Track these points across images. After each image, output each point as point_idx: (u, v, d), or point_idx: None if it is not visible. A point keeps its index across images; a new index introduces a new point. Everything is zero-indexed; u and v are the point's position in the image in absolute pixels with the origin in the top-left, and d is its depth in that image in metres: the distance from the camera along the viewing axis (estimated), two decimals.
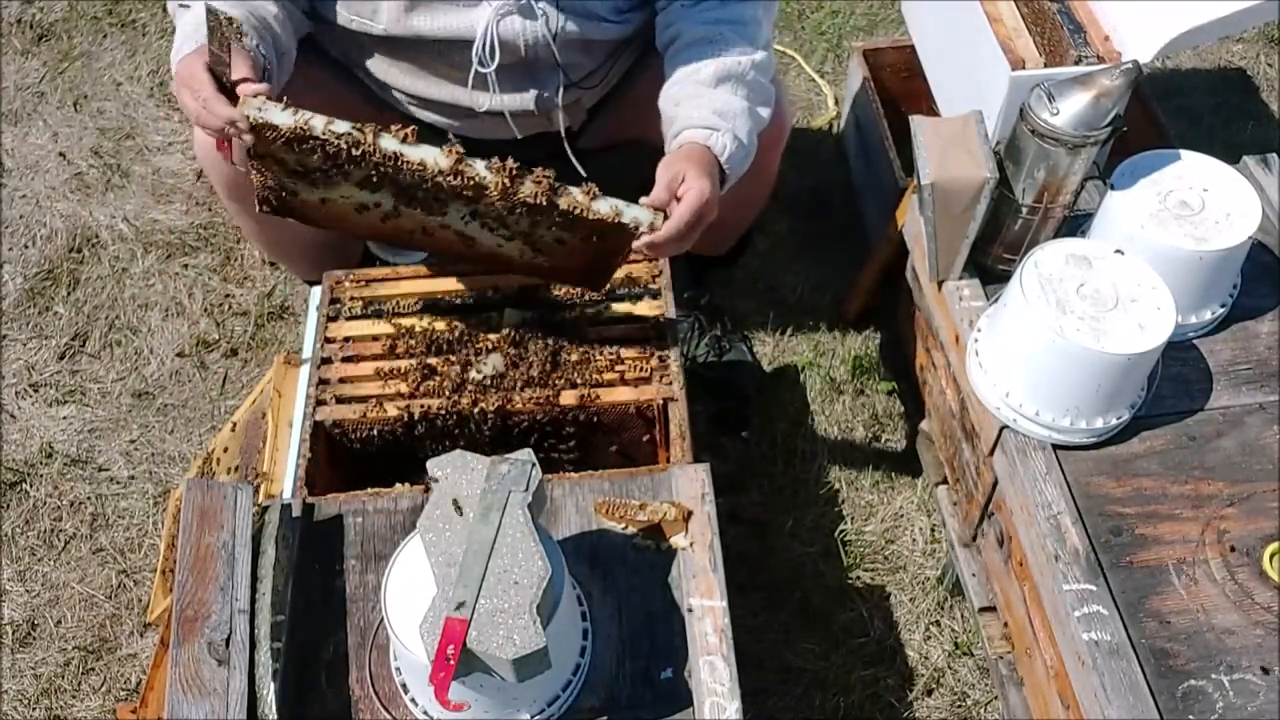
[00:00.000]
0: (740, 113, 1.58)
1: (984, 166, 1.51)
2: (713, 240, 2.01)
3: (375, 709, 1.29)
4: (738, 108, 1.58)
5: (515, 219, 1.46)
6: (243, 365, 2.28)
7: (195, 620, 1.26)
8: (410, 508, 1.44)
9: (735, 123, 1.56)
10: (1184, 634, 1.34)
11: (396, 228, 1.53)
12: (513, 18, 1.64)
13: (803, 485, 2.10)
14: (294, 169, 1.43)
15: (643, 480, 1.45)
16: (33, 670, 1.90)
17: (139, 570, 2.00)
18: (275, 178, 1.46)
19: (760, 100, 1.63)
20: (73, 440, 2.17)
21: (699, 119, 1.56)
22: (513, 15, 1.64)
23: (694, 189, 1.46)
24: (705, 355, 2.18)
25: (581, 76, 1.77)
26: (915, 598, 1.96)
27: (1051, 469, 1.47)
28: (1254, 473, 1.47)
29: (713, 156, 1.54)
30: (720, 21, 1.63)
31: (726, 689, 1.25)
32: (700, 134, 1.55)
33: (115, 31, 2.91)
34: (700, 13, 1.64)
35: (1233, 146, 2.20)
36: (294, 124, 1.36)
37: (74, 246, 2.47)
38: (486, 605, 1.12)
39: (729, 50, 1.61)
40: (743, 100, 1.59)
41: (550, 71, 1.73)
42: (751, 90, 1.61)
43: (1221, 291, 1.60)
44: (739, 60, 1.60)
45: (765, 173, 1.88)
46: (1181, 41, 1.77)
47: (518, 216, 1.45)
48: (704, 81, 1.59)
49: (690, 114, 1.57)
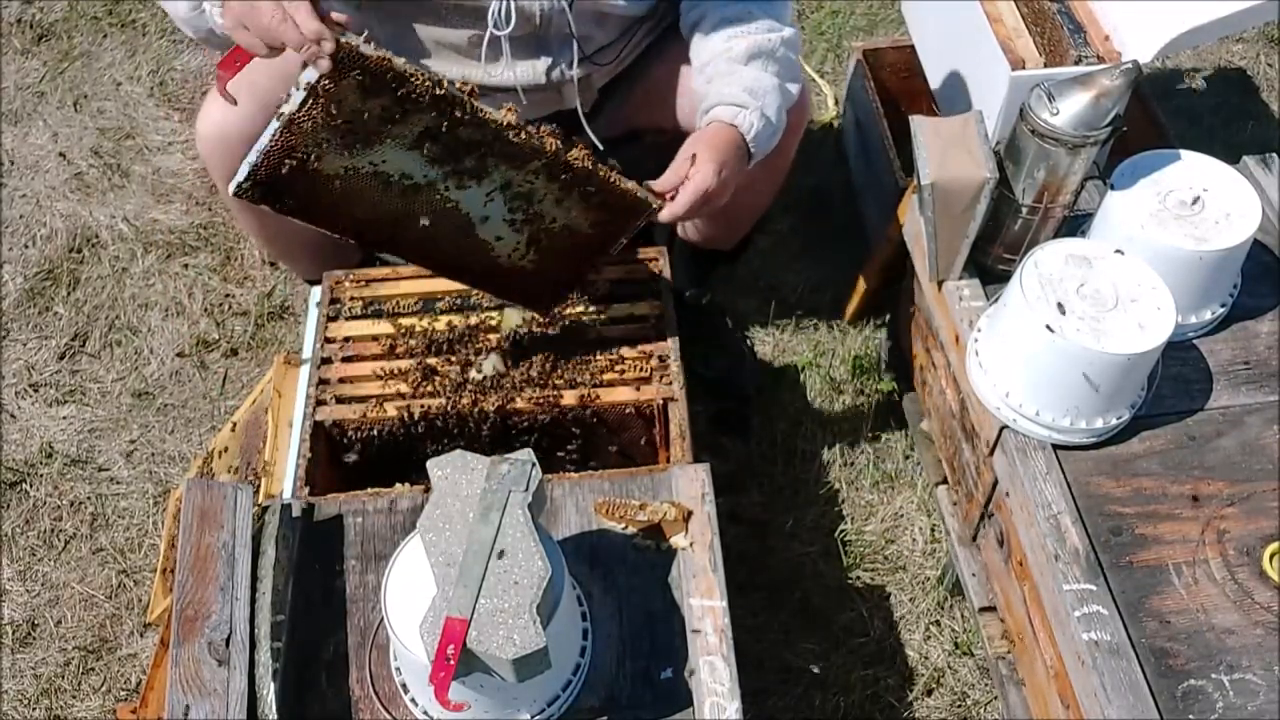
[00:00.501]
0: (770, 89, 1.61)
1: (984, 166, 1.51)
2: (725, 228, 2.01)
3: (375, 709, 1.29)
4: (768, 84, 1.61)
5: (547, 191, 1.46)
6: (243, 365, 2.28)
7: (195, 620, 1.26)
8: (410, 508, 1.44)
9: (765, 100, 1.60)
10: (1184, 634, 1.34)
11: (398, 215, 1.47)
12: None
13: (803, 485, 2.10)
14: (344, 120, 1.34)
15: (643, 480, 1.45)
16: (33, 670, 1.90)
17: (139, 570, 2.00)
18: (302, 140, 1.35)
19: (790, 77, 1.66)
20: (73, 440, 2.17)
21: (729, 95, 1.59)
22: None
23: (700, 174, 1.50)
24: (705, 355, 2.18)
25: (595, 50, 1.77)
26: (915, 598, 1.95)
27: (1051, 469, 1.47)
28: (1254, 473, 1.47)
29: (738, 135, 1.57)
30: (747, 1, 1.65)
31: (726, 689, 1.25)
32: (728, 111, 1.58)
33: (115, 31, 2.91)
34: None
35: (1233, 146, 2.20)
36: (379, 57, 1.29)
37: (74, 246, 2.47)
38: (486, 605, 1.12)
39: (759, 28, 1.64)
40: (773, 77, 1.62)
41: (563, 43, 1.73)
42: (782, 66, 1.65)
43: (1221, 291, 1.60)
44: (769, 37, 1.64)
45: (780, 159, 1.87)
46: (1181, 41, 1.77)
47: (553, 187, 1.46)
48: (736, 59, 1.63)
49: (721, 90, 1.61)
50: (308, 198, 1.41)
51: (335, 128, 1.33)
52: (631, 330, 1.69)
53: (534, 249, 1.54)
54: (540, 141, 1.41)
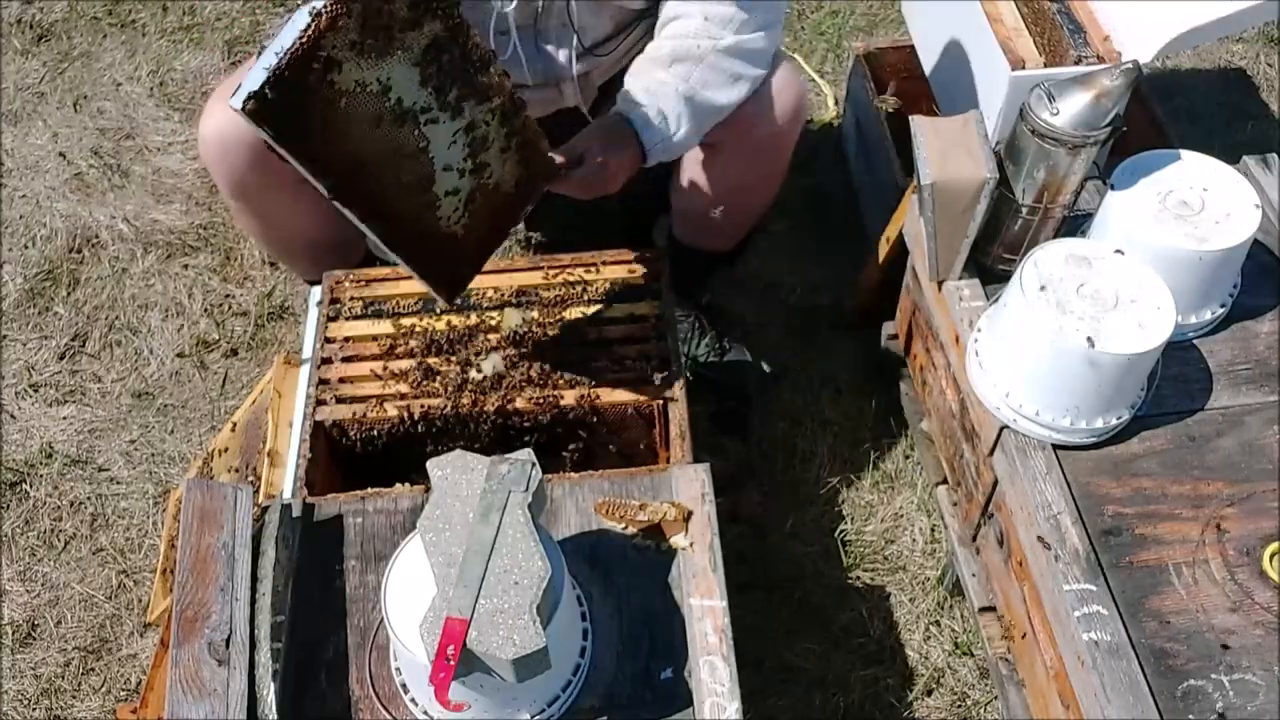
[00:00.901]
0: (674, 94, 1.61)
1: (984, 166, 1.51)
2: (721, 231, 2.01)
3: (375, 709, 1.29)
4: (675, 88, 1.61)
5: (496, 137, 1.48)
6: (243, 365, 2.28)
7: (195, 621, 1.26)
8: (410, 508, 1.44)
9: (663, 101, 1.60)
10: (1184, 634, 1.34)
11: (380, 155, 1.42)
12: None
13: (803, 485, 2.10)
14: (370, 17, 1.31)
15: (643, 480, 1.45)
16: (33, 670, 1.90)
17: (139, 570, 2.00)
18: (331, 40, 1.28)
19: (716, 84, 1.64)
20: (73, 440, 2.17)
21: (628, 92, 1.61)
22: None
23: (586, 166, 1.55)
24: (705, 355, 2.18)
25: (593, 43, 1.77)
26: (915, 598, 1.95)
27: (1051, 469, 1.47)
28: (1254, 473, 1.47)
29: (631, 132, 1.58)
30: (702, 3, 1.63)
31: (726, 689, 1.25)
32: (624, 105, 1.60)
33: (115, 31, 2.91)
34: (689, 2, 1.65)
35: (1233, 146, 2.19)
36: None
37: (74, 246, 2.47)
38: (486, 605, 1.12)
39: (693, 33, 1.63)
40: (687, 83, 1.61)
41: (563, 32, 1.73)
42: (708, 72, 1.62)
43: (1221, 291, 1.60)
44: (698, 43, 1.62)
45: (774, 162, 1.87)
46: (1181, 41, 1.77)
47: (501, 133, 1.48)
48: (659, 61, 1.63)
49: (628, 86, 1.62)
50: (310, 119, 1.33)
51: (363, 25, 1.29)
52: (631, 330, 1.69)
53: (468, 210, 1.53)
54: (501, 79, 1.43)
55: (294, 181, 1.69)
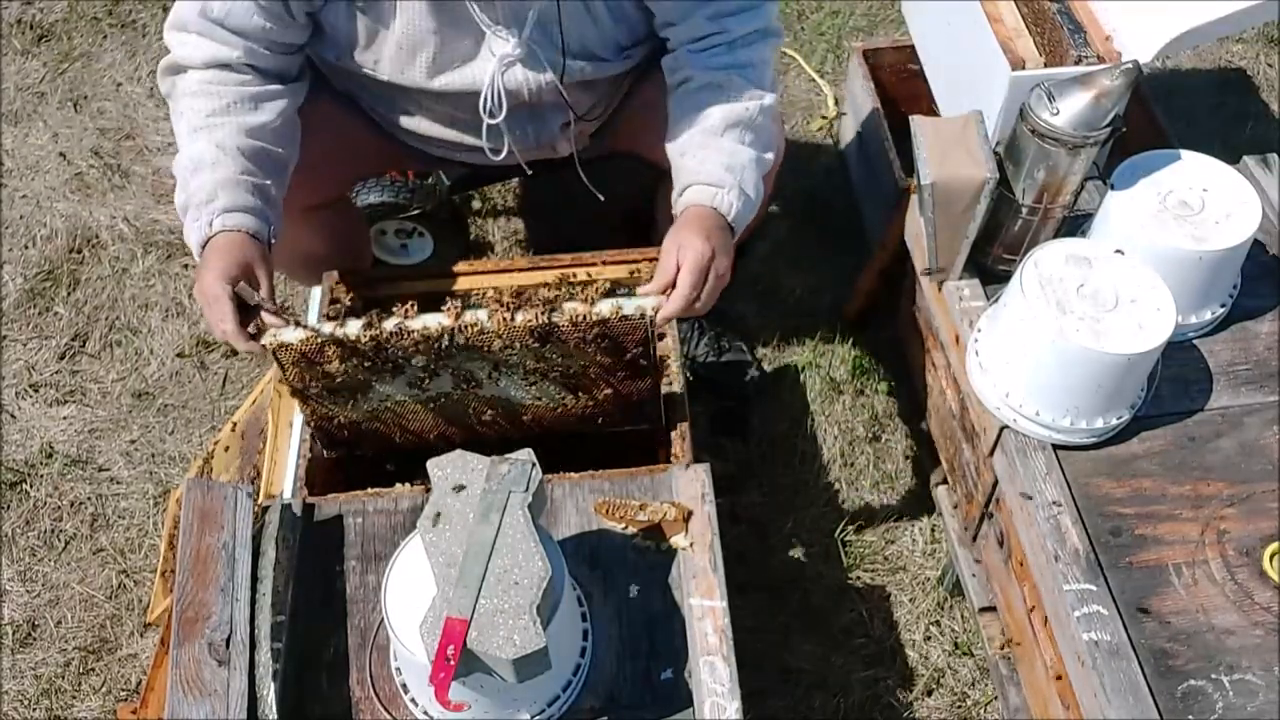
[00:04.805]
0: (748, 163, 1.55)
1: (984, 166, 1.51)
2: None
3: (375, 709, 1.29)
4: (745, 158, 1.55)
5: (529, 356, 1.43)
6: (243, 365, 2.28)
7: (195, 621, 1.26)
8: (410, 508, 1.44)
9: (742, 175, 1.53)
10: (1184, 634, 1.34)
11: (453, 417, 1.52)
12: (516, 68, 1.60)
13: (803, 485, 2.10)
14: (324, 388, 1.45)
15: (643, 480, 1.45)
16: (33, 670, 1.90)
17: (139, 570, 2.00)
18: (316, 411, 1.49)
19: (765, 145, 1.60)
20: (73, 440, 2.17)
21: (705, 175, 1.53)
22: (516, 65, 1.60)
23: (690, 252, 1.43)
24: (705, 355, 2.18)
25: (586, 111, 1.76)
26: (915, 598, 1.96)
27: (1051, 469, 1.47)
28: (1254, 473, 1.47)
29: (719, 216, 1.50)
30: (730, 67, 1.59)
31: (726, 689, 1.25)
32: (705, 193, 1.52)
33: (115, 32, 2.92)
34: (709, 57, 1.60)
35: (1233, 146, 2.20)
36: (307, 337, 1.38)
37: (74, 247, 2.47)
38: (486, 605, 1.12)
39: (738, 96, 1.57)
40: (749, 149, 1.56)
41: (556, 111, 1.73)
42: (758, 135, 1.58)
43: (1221, 291, 1.60)
44: (747, 106, 1.57)
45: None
46: (1181, 41, 1.77)
47: (530, 352, 1.42)
48: (712, 130, 1.56)
49: (696, 168, 1.54)
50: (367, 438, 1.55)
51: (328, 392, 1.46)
52: None
53: (582, 390, 1.50)
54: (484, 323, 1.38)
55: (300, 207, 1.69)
